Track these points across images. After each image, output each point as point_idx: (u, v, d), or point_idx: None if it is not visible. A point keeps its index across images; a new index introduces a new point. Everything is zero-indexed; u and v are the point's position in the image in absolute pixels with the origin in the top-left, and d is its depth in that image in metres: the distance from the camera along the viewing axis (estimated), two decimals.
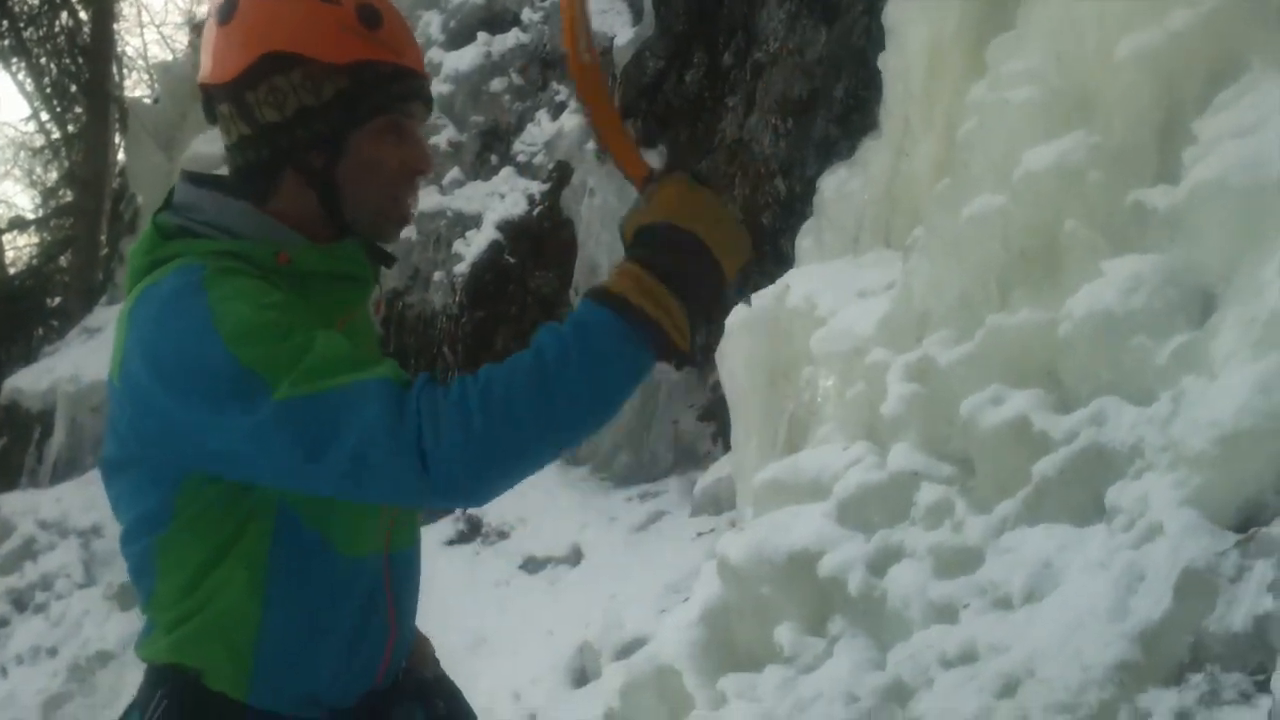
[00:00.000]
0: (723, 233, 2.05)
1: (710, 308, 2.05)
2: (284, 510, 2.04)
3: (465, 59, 10.41)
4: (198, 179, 2.21)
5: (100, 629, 9.69)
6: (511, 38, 10.40)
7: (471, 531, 7.64)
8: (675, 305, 1.94)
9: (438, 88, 10.36)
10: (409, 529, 2.26)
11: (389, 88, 2.18)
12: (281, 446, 1.88)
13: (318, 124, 2.15)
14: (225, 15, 2.16)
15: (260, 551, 2.04)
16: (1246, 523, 2.63)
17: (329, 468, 1.87)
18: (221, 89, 2.15)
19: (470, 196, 9.84)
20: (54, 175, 23.01)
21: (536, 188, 9.53)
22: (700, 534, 6.34)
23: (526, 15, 10.37)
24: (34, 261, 21.19)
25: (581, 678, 5.70)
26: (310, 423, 1.87)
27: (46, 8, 19.22)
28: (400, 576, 2.23)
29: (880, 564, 3.74)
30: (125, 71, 21.52)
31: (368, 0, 2.19)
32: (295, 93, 2.13)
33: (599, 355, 1.91)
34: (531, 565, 7.21)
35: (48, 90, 20.63)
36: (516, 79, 10.23)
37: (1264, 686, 2.30)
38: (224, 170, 2.27)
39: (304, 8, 2.15)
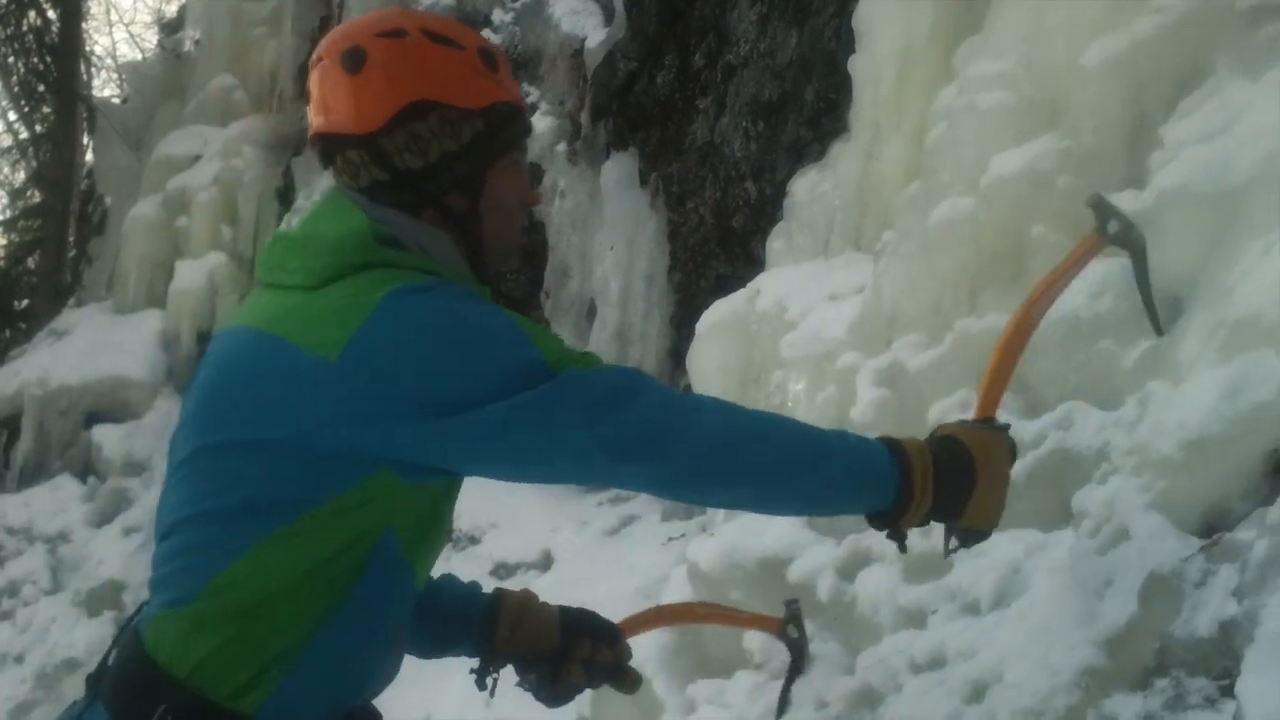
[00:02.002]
0: (991, 499, 2.38)
1: (930, 522, 2.36)
2: (387, 539, 2.07)
3: None
4: (368, 191, 2.23)
5: (68, 636, 9.63)
6: None
7: None
8: (929, 502, 2.28)
9: None
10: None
11: (513, 127, 2.30)
12: (562, 413, 1.99)
13: (460, 167, 2.23)
14: (355, 65, 2.20)
15: (348, 581, 2.06)
16: (1212, 527, 2.63)
17: (603, 433, 2.00)
18: (352, 137, 2.20)
19: None
20: (21, 176, 22.86)
21: None
22: (671, 539, 6.34)
23: (498, 16, 10.34)
24: (1, 264, 21.03)
25: None
26: (600, 383, 2.02)
27: (14, 6, 19.12)
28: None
29: (850, 569, 3.74)
30: (94, 71, 21.42)
31: (485, 44, 2.32)
32: (437, 139, 2.20)
33: (863, 475, 2.24)
34: (503, 570, 7.20)
35: (15, 90, 20.51)
36: None
37: (1229, 691, 2.30)
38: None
39: (437, 55, 2.23)
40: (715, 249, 7.29)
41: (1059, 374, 3.36)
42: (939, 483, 2.29)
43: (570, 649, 2.66)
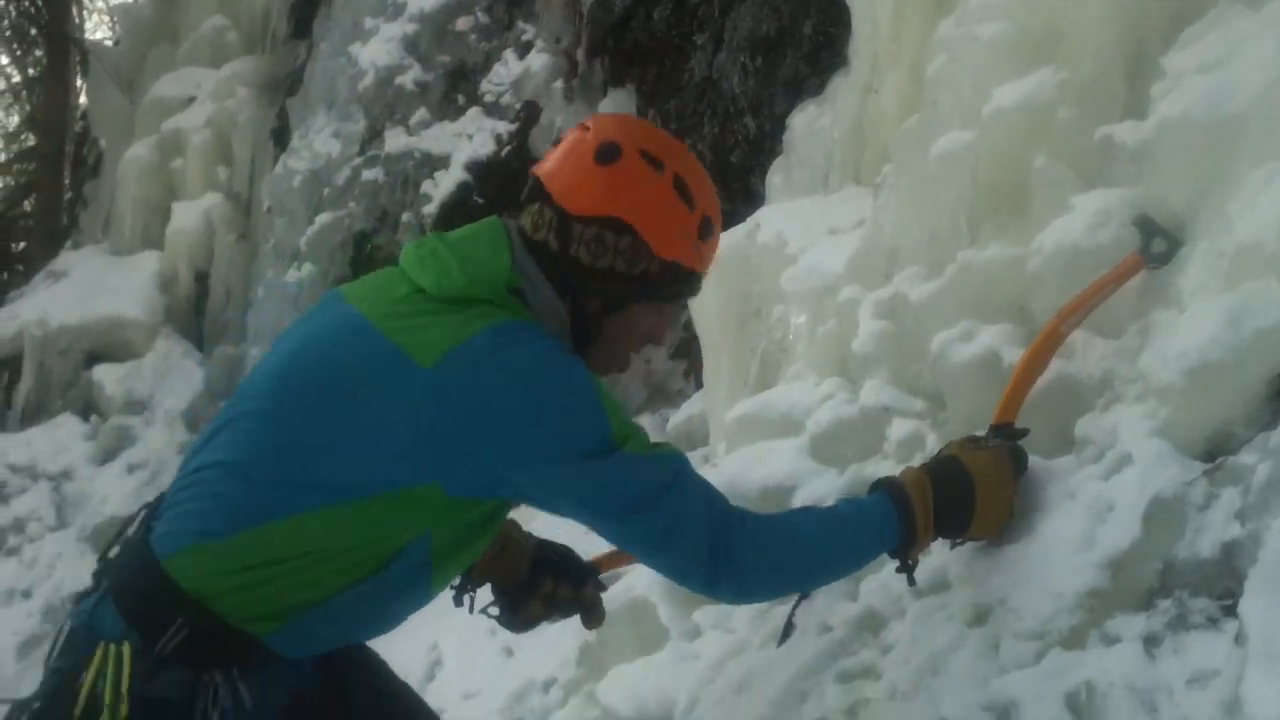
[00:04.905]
0: (992, 515, 2.77)
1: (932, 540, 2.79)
2: (421, 541, 2.21)
3: None
4: (531, 244, 2.43)
5: (74, 570, 9.71)
6: None
7: None
8: (931, 534, 2.71)
9: (403, 27, 10.26)
10: None
11: (683, 286, 2.53)
12: (615, 491, 2.26)
13: (616, 286, 2.43)
14: (606, 159, 2.40)
15: (371, 567, 2.19)
16: (1214, 453, 2.66)
17: (646, 519, 2.28)
18: (555, 205, 2.40)
19: (438, 137, 9.77)
20: (15, 119, 22.75)
21: (504, 128, 9.47)
22: None
23: None
24: None
25: None
26: (645, 477, 2.29)
27: None
28: None
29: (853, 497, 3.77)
30: (85, 13, 21.24)
31: (712, 213, 2.57)
32: (616, 255, 2.38)
33: (866, 538, 2.65)
34: None
35: (7, 33, 20.35)
36: (483, 18, 10.14)
37: (1231, 611, 2.34)
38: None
39: (667, 199, 2.45)
40: (714, 184, 7.28)
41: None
42: (940, 514, 2.67)
43: (534, 584, 2.85)
